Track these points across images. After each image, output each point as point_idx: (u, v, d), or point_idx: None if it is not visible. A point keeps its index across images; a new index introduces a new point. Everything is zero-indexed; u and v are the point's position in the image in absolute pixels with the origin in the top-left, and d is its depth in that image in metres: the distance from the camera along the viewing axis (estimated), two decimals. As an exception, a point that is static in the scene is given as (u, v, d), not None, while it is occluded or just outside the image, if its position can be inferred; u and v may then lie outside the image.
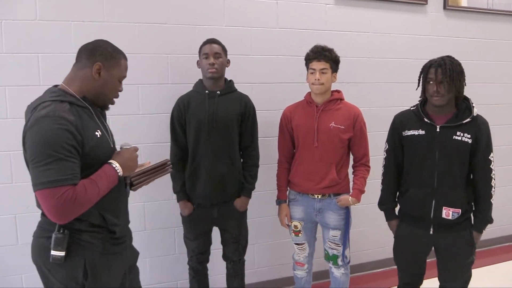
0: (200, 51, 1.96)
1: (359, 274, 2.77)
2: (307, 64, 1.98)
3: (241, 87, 2.09)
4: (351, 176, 2.07)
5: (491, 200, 1.70)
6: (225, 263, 2.15)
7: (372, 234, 2.77)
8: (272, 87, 2.43)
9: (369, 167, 2.05)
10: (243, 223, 2.09)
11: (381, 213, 1.94)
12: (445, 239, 1.73)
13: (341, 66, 2.01)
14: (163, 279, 2.37)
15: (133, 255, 1.48)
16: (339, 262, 2.05)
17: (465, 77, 1.68)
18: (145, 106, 2.21)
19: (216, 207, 1.98)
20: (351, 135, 1.97)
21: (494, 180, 1.70)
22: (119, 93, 1.37)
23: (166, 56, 2.22)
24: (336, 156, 1.97)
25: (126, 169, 1.30)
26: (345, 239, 2.03)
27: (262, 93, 2.38)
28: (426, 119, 1.71)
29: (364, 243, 2.78)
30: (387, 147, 1.88)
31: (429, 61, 1.70)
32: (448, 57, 1.68)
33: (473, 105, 1.69)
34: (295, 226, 2.07)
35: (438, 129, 1.69)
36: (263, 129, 2.19)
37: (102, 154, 1.26)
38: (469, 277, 1.78)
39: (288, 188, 2.11)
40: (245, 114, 1.99)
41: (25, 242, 2.04)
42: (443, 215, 1.69)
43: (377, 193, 1.94)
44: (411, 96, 1.80)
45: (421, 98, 1.78)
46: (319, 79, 1.90)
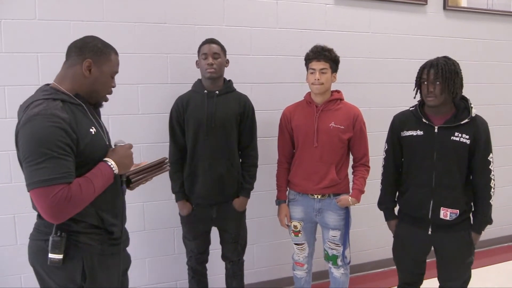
0: (199, 51, 1.96)
1: (358, 274, 2.77)
2: (306, 64, 1.98)
3: (241, 87, 2.09)
4: (350, 176, 2.07)
5: (490, 201, 1.69)
6: (224, 263, 2.15)
7: (371, 234, 2.77)
8: (272, 87, 2.43)
9: (368, 167, 2.05)
10: (242, 223, 2.09)
11: (381, 213, 1.94)
12: (444, 239, 1.73)
13: (340, 66, 2.00)
14: (162, 279, 2.37)
15: (126, 258, 1.45)
16: (339, 262, 2.05)
17: (461, 77, 1.67)
18: (144, 106, 2.21)
19: (214, 207, 1.98)
20: (351, 135, 1.97)
21: (494, 181, 1.69)
22: (113, 90, 1.35)
23: (166, 56, 2.21)
24: (336, 156, 1.97)
25: (122, 166, 1.28)
26: (345, 239, 2.02)
27: (262, 93, 2.38)
28: (424, 120, 1.71)
29: (363, 243, 2.78)
30: (386, 147, 1.89)
31: (426, 62, 1.70)
32: (444, 57, 1.67)
33: (472, 105, 1.69)
34: (295, 226, 2.07)
35: (436, 130, 1.69)
36: (262, 129, 2.19)
37: (97, 152, 1.24)
38: (468, 277, 1.78)
39: (288, 188, 2.11)
40: (244, 114, 1.99)
41: (24, 242, 2.01)
42: (441, 215, 1.69)
43: (377, 193, 1.94)
44: (410, 97, 1.80)
45: (419, 99, 1.78)
46: (318, 79, 1.90)
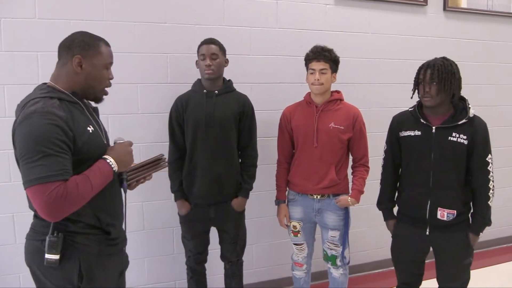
0: (198, 51, 1.95)
1: (357, 275, 2.77)
2: (306, 64, 1.98)
3: (241, 87, 2.09)
4: (350, 177, 2.07)
5: (488, 203, 1.68)
6: (223, 264, 2.15)
7: (371, 234, 2.77)
8: (272, 87, 2.43)
9: (368, 167, 2.05)
10: (241, 224, 2.09)
11: (380, 214, 1.94)
12: (441, 240, 1.72)
13: (340, 66, 2.00)
14: (161, 279, 2.36)
15: (124, 259, 1.44)
16: (338, 262, 2.05)
17: (459, 78, 1.66)
18: (144, 106, 2.21)
19: (213, 207, 1.98)
20: (350, 136, 1.97)
21: (493, 182, 1.68)
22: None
23: (166, 55, 2.21)
24: (336, 157, 1.97)
25: (121, 164, 1.27)
26: (344, 239, 2.02)
27: (261, 93, 2.38)
28: (422, 120, 1.72)
29: (363, 244, 2.78)
30: (386, 147, 1.89)
31: (424, 62, 1.70)
32: (442, 58, 1.67)
33: (470, 106, 1.69)
34: (294, 227, 2.07)
35: (434, 130, 1.69)
36: (262, 129, 2.19)
37: (95, 150, 1.22)
38: (467, 278, 1.77)
39: (287, 188, 2.11)
40: (243, 114, 1.99)
41: (23, 241, 2.01)
42: (438, 215, 1.69)
43: (376, 193, 1.94)
44: (410, 97, 1.80)
45: (418, 99, 1.78)
46: (318, 79, 1.90)
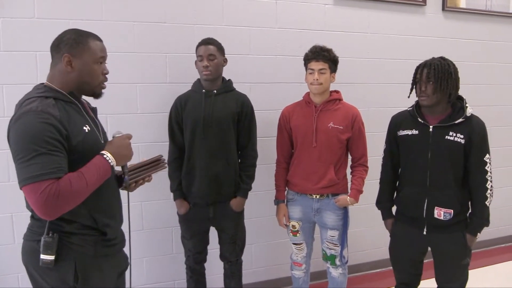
0: (196, 52, 1.95)
1: (356, 275, 2.77)
2: (305, 64, 1.98)
3: (240, 86, 2.09)
4: (349, 177, 2.07)
5: (485, 203, 1.68)
6: (222, 263, 2.15)
7: (369, 234, 2.77)
8: (271, 87, 2.43)
9: (367, 167, 2.05)
10: (240, 223, 2.09)
11: (379, 213, 1.95)
12: (439, 240, 1.73)
13: (339, 66, 2.01)
14: (160, 279, 2.36)
15: (123, 259, 1.42)
16: (337, 262, 2.05)
17: (456, 78, 1.66)
18: (143, 105, 2.21)
19: (211, 207, 1.98)
20: (349, 136, 1.97)
21: (491, 182, 1.68)
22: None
23: (165, 55, 2.21)
24: (335, 156, 1.97)
25: (119, 158, 1.25)
26: (343, 239, 2.03)
27: (260, 93, 2.38)
28: (419, 119, 1.72)
29: (361, 244, 2.78)
30: (385, 147, 1.90)
31: (421, 62, 1.71)
32: (439, 58, 1.68)
33: (467, 105, 1.69)
34: (293, 226, 2.07)
35: (431, 129, 1.69)
36: (261, 129, 2.19)
37: (91, 149, 1.21)
38: (465, 279, 1.77)
39: (287, 188, 2.11)
40: (242, 113, 1.99)
41: (21, 242, 2.01)
42: (435, 215, 1.69)
43: (375, 193, 1.95)
44: (407, 96, 1.80)
45: (416, 98, 1.78)
46: (317, 79, 1.90)
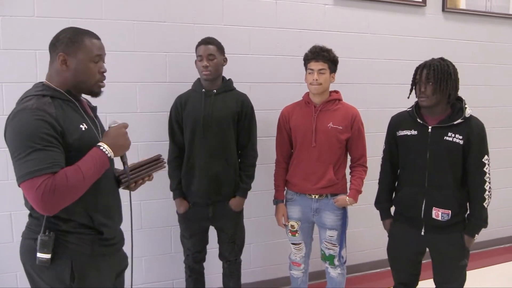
0: (196, 51, 1.95)
1: (355, 275, 2.77)
2: (305, 64, 1.99)
3: (240, 86, 2.09)
4: (348, 177, 2.08)
5: (484, 204, 1.67)
6: (221, 263, 2.15)
7: (368, 234, 2.78)
8: (271, 87, 2.43)
9: (366, 167, 2.05)
10: (239, 223, 2.09)
11: (378, 214, 1.95)
12: (437, 240, 1.73)
13: (339, 66, 2.01)
14: (159, 278, 2.36)
15: (122, 259, 1.42)
16: (336, 262, 2.05)
17: (455, 79, 1.67)
18: (143, 105, 2.20)
19: (211, 206, 1.98)
20: (349, 136, 1.98)
21: (490, 183, 1.68)
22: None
23: (165, 54, 2.21)
24: (334, 157, 1.97)
25: (116, 148, 1.24)
26: (341, 239, 2.03)
27: (260, 93, 2.38)
28: (419, 120, 1.72)
29: (360, 244, 2.79)
30: (384, 147, 1.90)
31: (421, 63, 1.71)
32: (439, 58, 1.68)
33: (466, 106, 1.69)
34: (292, 226, 2.07)
35: (430, 130, 1.69)
36: (261, 128, 2.18)
37: (88, 147, 1.20)
38: (463, 280, 1.77)
39: (286, 188, 2.11)
40: (241, 113, 1.99)
41: (20, 240, 2.03)
42: (433, 215, 1.70)
43: (374, 193, 1.95)
44: (407, 97, 1.80)
45: (416, 99, 1.78)
46: (317, 79, 1.90)
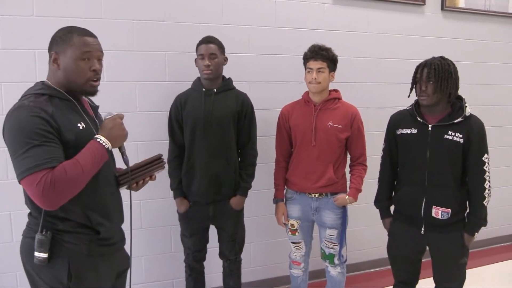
0: (196, 50, 1.95)
1: (355, 274, 2.78)
2: (304, 63, 1.99)
3: (239, 85, 2.09)
4: (348, 176, 2.08)
5: (483, 203, 1.68)
6: (221, 262, 2.15)
7: (368, 233, 2.78)
8: (270, 86, 2.43)
9: (366, 166, 2.05)
10: (239, 222, 2.09)
11: (378, 212, 1.95)
12: (437, 239, 1.73)
13: (338, 65, 2.01)
14: (159, 278, 2.36)
15: (123, 259, 1.41)
16: (336, 261, 2.06)
17: (456, 78, 1.67)
18: (142, 104, 2.20)
19: (211, 206, 1.98)
20: (348, 135, 1.98)
21: (489, 182, 1.69)
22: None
23: (164, 53, 2.21)
24: (334, 155, 1.97)
25: (114, 139, 1.23)
26: (341, 238, 2.03)
27: (260, 92, 2.38)
28: (419, 118, 1.73)
29: (360, 243, 2.79)
30: (384, 146, 1.90)
31: (422, 61, 1.71)
32: (439, 57, 1.68)
33: (466, 105, 1.69)
34: (292, 225, 2.07)
35: (430, 128, 1.70)
36: (261, 127, 2.18)
37: (85, 145, 1.20)
38: (462, 279, 1.78)
39: (286, 187, 2.11)
40: (242, 112, 1.99)
41: (20, 240, 2.02)
42: (433, 214, 1.70)
43: (374, 192, 1.95)
44: (407, 96, 1.80)
45: (416, 98, 1.79)
46: (316, 78, 1.90)
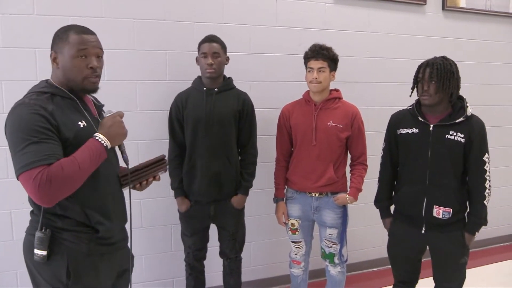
0: (199, 49, 1.95)
1: (354, 273, 2.78)
2: (305, 63, 1.99)
3: (240, 85, 2.09)
4: (348, 175, 2.08)
5: (484, 202, 1.68)
6: (222, 261, 2.15)
7: (368, 233, 2.78)
8: (271, 85, 2.43)
9: (366, 166, 2.05)
10: (240, 221, 2.09)
11: (378, 212, 1.95)
12: (437, 238, 1.73)
13: (339, 65, 2.01)
14: (159, 277, 2.37)
15: (124, 258, 1.40)
16: (336, 260, 2.06)
17: (458, 77, 1.67)
18: (142, 103, 2.20)
19: (213, 205, 1.98)
20: (349, 134, 1.98)
21: (490, 182, 1.69)
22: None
23: (165, 53, 2.21)
24: (334, 155, 1.97)
25: (112, 137, 1.22)
26: (342, 237, 2.03)
27: (260, 91, 2.38)
28: (420, 118, 1.72)
29: (360, 242, 2.79)
30: (384, 145, 1.90)
31: (424, 61, 1.71)
32: (441, 57, 1.68)
33: (467, 104, 1.69)
34: (292, 224, 2.07)
35: (431, 128, 1.70)
36: (261, 127, 2.19)
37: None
38: (462, 278, 1.78)
39: (286, 186, 2.11)
40: (243, 111, 1.99)
41: (20, 238, 1.99)
42: (434, 213, 1.70)
43: (374, 192, 1.95)
44: (408, 96, 1.80)
45: (417, 97, 1.79)
46: (316, 78, 1.90)
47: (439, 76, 1.62)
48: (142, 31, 2.15)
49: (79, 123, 1.21)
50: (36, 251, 1.18)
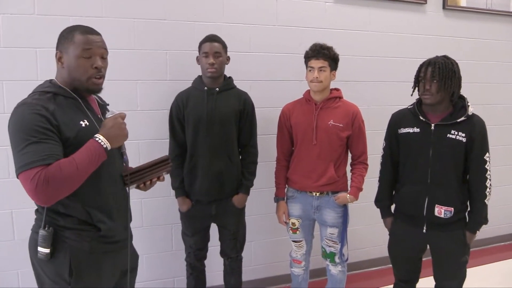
0: (200, 48, 1.95)
1: (355, 272, 2.78)
2: (306, 62, 1.99)
3: (240, 84, 2.09)
4: (349, 174, 2.08)
5: (485, 201, 1.69)
6: (222, 260, 2.16)
7: (369, 232, 2.78)
8: (271, 84, 2.43)
9: (367, 165, 2.05)
10: (241, 220, 2.09)
11: (378, 211, 1.95)
12: (438, 238, 1.73)
13: (340, 64, 2.01)
14: (160, 276, 2.37)
15: (128, 259, 1.38)
16: (336, 259, 2.06)
17: (459, 77, 1.67)
18: (143, 103, 2.20)
19: (214, 204, 1.98)
20: (349, 133, 1.98)
21: (490, 180, 1.69)
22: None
23: (165, 52, 2.21)
24: (335, 154, 1.98)
25: (113, 138, 1.22)
26: (342, 237, 2.03)
27: (261, 91, 2.38)
28: (421, 117, 1.73)
29: (361, 241, 2.79)
30: (384, 145, 1.90)
31: (425, 60, 1.71)
32: (443, 56, 1.68)
33: (469, 104, 1.70)
34: (293, 224, 2.07)
35: (432, 127, 1.70)
36: (261, 126, 2.19)
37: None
38: (463, 277, 1.78)
39: (287, 186, 2.12)
40: (243, 111, 1.99)
41: (21, 238, 2.03)
42: (436, 213, 1.70)
43: (375, 191, 1.95)
44: (409, 95, 1.80)
45: (417, 97, 1.79)
46: (317, 77, 1.90)
47: (441, 75, 1.62)
48: (143, 31, 2.15)
49: (81, 122, 1.22)
50: (40, 249, 1.19)
